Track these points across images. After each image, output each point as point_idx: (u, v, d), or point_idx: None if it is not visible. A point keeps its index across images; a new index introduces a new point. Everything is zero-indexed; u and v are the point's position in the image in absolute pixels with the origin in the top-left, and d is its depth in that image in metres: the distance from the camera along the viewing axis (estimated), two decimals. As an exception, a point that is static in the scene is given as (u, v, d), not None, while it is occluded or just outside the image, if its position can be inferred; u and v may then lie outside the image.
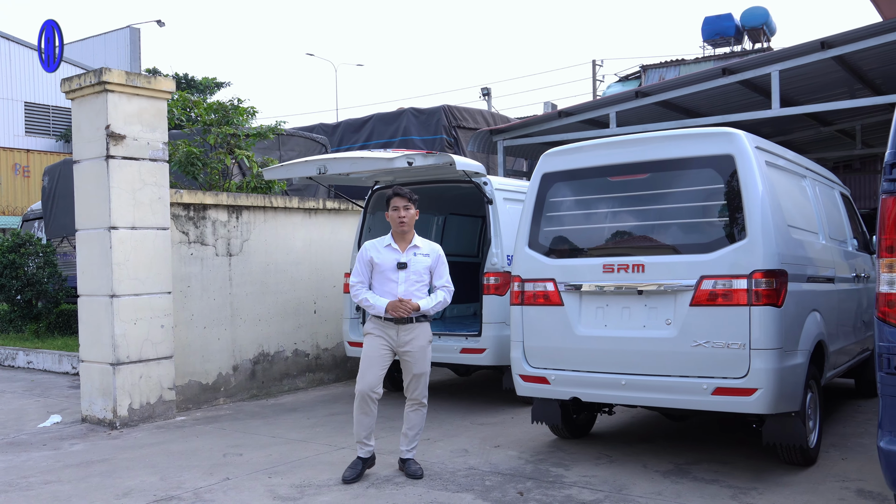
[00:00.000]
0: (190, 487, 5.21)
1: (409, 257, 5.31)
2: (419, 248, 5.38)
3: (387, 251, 5.34)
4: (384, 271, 5.29)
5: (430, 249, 5.44)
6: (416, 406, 5.41)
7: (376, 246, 5.40)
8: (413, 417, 5.42)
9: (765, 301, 4.90)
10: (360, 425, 5.32)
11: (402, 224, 5.30)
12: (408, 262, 5.29)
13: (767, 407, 4.90)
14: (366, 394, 5.23)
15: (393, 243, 5.35)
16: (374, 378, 5.25)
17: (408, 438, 5.42)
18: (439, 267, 5.43)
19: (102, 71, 7.05)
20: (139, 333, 7.25)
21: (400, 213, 5.30)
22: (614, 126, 11.64)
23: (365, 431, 5.32)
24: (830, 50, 10.00)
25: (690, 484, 5.09)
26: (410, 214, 5.32)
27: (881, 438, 3.43)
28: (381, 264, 5.30)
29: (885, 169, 3.40)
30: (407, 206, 5.32)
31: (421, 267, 5.33)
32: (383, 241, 5.41)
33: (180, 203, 7.90)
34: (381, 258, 5.31)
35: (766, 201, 5.03)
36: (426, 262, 5.36)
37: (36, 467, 5.82)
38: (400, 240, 5.36)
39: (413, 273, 5.29)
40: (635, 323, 5.32)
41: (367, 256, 5.35)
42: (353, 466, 5.32)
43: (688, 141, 5.35)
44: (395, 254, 5.32)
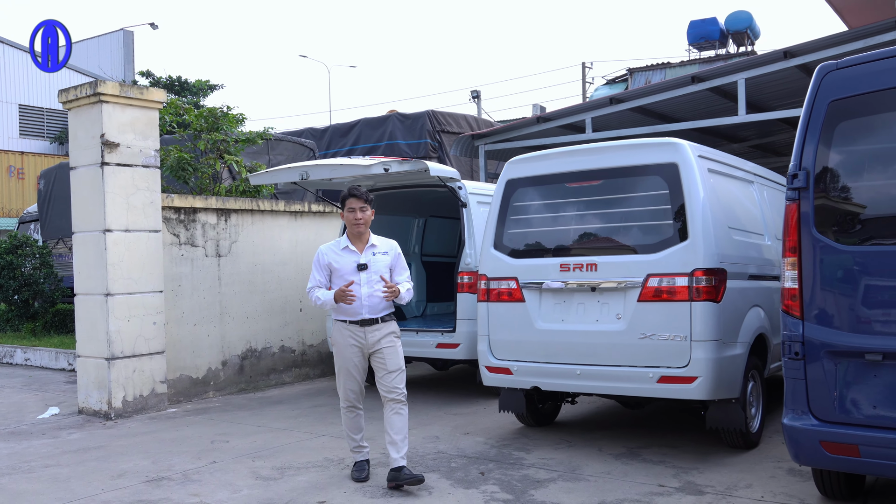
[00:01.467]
0: (179, 469, 5.66)
1: (368, 258, 5.18)
2: (377, 246, 5.25)
3: (344, 254, 5.20)
4: (344, 274, 5.14)
5: (388, 247, 5.31)
6: (398, 406, 5.17)
7: (333, 249, 5.26)
8: (397, 421, 5.15)
9: (704, 297, 5.37)
10: (351, 428, 5.31)
11: (357, 225, 5.17)
12: (368, 263, 5.16)
13: (707, 393, 5.37)
14: (350, 401, 5.28)
15: (350, 245, 5.21)
16: (355, 384, 5.25)
17: (396, 446, 5.10)
18: (399, 263, 5.33)
19: (98, 83, 7.49)
20: (133, 330, 7.69)
21: (356, 215, 5.16)
22: (590, 131, 12.11)
23: (357, 433, 5.30)
24: (793, 59, 10.48)
25: (638, 465, 5.56)
26: (367, 216, 5.19)
27: (785, 416, 3.90)
28: (341, 268, 5.16)
29: (788, 179, 3.87)
30: (363, 206, 5.18)
31: (381, 266, 5.20)
32: (339, 243, 5.27)
33: (171, 207, 8.34)
34: (339, 262, 5.17)
35: (707, 205, 5.50)
36: (385, 259, 5.24)
37: (37, 454, 6.26)
38: (356, 240, 5.23)
39: (374, 273, 5.15)
40: (589, 317, 5.79)
41: (325, 261, 5.22)
42: (358, 469, 5.29)
43: (636, 150, 5.82)
44: (354, 255, 5.18)
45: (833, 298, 3.78)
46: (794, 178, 3.85)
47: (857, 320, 3.72)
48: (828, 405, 3.75)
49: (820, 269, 3.80)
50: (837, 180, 3.82)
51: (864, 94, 3.74)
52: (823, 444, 3.73)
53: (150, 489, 5.21)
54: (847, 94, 3.78)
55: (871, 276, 3.71)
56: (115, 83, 7.65)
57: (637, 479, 5.23)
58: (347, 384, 5.27)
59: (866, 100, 3.75)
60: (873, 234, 3.79)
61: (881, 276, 3.69)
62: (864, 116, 3.79)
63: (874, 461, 3.62)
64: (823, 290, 3.80)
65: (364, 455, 5.38)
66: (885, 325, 3.65)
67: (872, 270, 3.71)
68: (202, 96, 34.70)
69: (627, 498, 4.83)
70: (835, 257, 3.76)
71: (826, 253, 3.78)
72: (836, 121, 3.80)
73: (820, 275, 3.80)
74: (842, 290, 3.76)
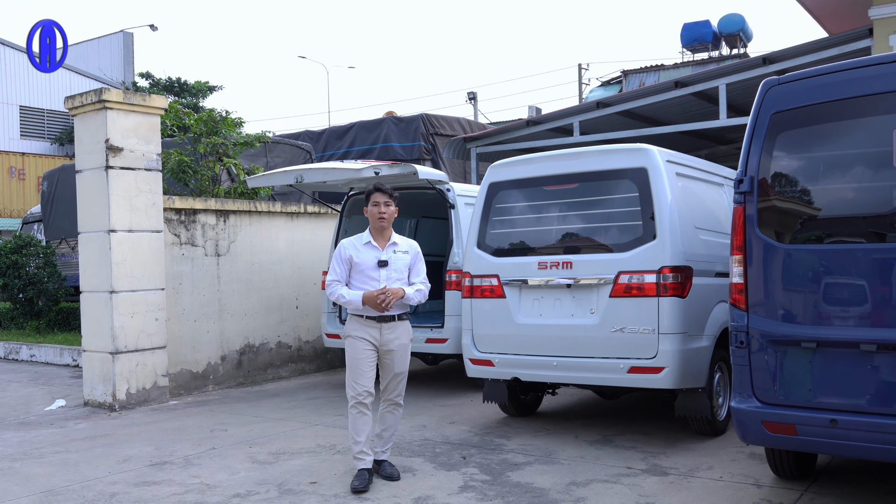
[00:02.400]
0: (181, 455, 6.04)
1: (389, 255, 5.18)
2: (398, 245, 5.26)
3: (366, 249, 5.19)
4: (364, 270, 5.15)
5: (409, 246, 5.33)
6: (393, 407, 5.30)
7: (355, 244, 5.24)
8: (389, 419, 5.30)
9: (671, 293, 5.76)
10: (357, 431, 5.15)
11: (381, 220, 5.16)
12: (388, 260, 5.16)
13: (673, 383, 5.76)
14: (359, 398, 5.12)
15: (372, 241, 5.20)
16: (366, 381, 5.14)
17: (383, 440, 5.30)
18: (417, 264, 5.33)
19: (102, 90, 7.87)
20: (136, 326, 8.07)
21: (381, 209, 5.16)
22: (578, 134, 12.51)
23: (363, 437, 5.14)
24: (772, 65, 10.89)
25: (610, 450, 5.94)
26: (391, 211, 5.20)
27: (733, 399, 4.28)
28: (361, 263, 5.16)
29: (735, 184, 4.25)
30: (388, 202, 5.19)
31: (401, 264, 5.21)
32: (361, 238, 5.25)
33: (172, 208, 8.72)
34: (360, 257, 5.17)
35: (674, 207, 5.89)
36: (406, 259, 5.25)
37: (46, 441, 6.64)
38: (379, 237, 5.22)
39: (394, 271, 5.17)
40: (565, 312, 6.18)
41: (347, 255, 5.20)
42: (359, 478, 5.09)
43: (609, 156, 6.20)
44: (376, 251, 5.18)
45: (773, 292, 4.16)
46: (739, 184, 4.24)
47: (794, 312, 4.10)
48: (769, 389, 4.13)
49: (762, 266, 4.18)
50: (778, 186, 4.20)
51: (802, 107, 4.12)
52: (765, 424, 4.11)
53: (154, 472, 5.59)
54: (788, 107, 4.16)
55: (806, 272, 4.09)
56: (119, 91, 8.03)
57: (608, 462, 5.61)
58: (359, 380, 5.13)
59: (804, 112, 4.13)
60: (809, 235, 4.18)
61: (815, 273, 4.07)
62: (802, 127, 4.17)
63: (809, 439, 4.00)
64: (765, 284, 4.18)
65: (367, 463, 5.17)
66: (818, 316, 4.03)
67: (807, 267, 4.09)
68: (201, 97, 35.07)
69: (596, 478, 5.21)
70: (775, 255, 4.15)
71: (768, 251, 4.16)
72: (778, 131, 4.18)
73: (762, 271, 4.18)
74: (781, 284, 4.14)
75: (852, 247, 3.99)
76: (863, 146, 4.04)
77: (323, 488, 5.11)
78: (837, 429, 3.88)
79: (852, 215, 4.08)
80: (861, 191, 4.03)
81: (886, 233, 3.89)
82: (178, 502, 4.89)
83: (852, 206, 4.09)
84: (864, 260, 3.91)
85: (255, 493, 5.05)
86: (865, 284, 3.89)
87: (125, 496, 5.03)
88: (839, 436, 3.89)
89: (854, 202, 4.08)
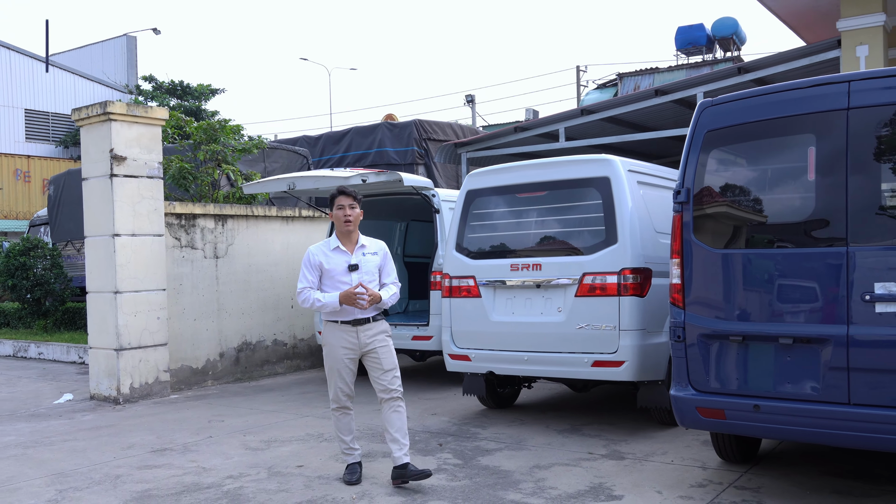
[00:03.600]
0: (180, 442, 6.55)
1: (358, 258, 5.19)
2: (366, 247, 5.27)
3: (335, 254, 5.19)
4: (335, 275, 5.14)
5: (377, 247, 5.33)
6: (395, 405, 5.23)
7: (323, 250, 5.23)
8: (396, 420, 5.22)
9: (631, 292, 6.25)
10: (342, 430, 5.31)
11: (347, 223, 5.16)
12: (359, 263, 5.17)
13: (633, 375, 6.25)
14: (341, 402, 5.28)
15: (340, 245, 5.20)
16: (346, 385, 5.23)
17: (398, 443, 5.17)
18: (387, 264, 5.34)
19: (107, 103, 8.38)
20: (138, 324, 8.59)
21: (346, 212, 5.15)
22: (563, 140, 13.01)
23: (348, 435, 5.30)
24: (747, 74, 11.38)
25: (577, 438, 6.43)
26: (356, 213, 5.19)
27: (672, 388, 4.77)
28: (332, 269, 5.15)
29: (674, 195, 4.75)
30: (353, 204, 5.18)
31: (371, 266, 5.22)
32: (329, 244, 5.24)
33: (173, 213, 9.23)
34: (330, 262, 5.16)
35: (634, 213, 6.38)
36: (375, 260, 5.26)
37: (56, 431, 7.15)
38: (346, 241, 5.22)
39: (365, 273, 5.17)
40: (535, 310, 6.67)
41: (316, 261, 5.19)
42: (350, 472, 5.26)
43: (576, 165, 6.69)
44: (345, 256, 5.18)
45: (706, 291, 4.65)
46: (677, 195, 4.73)
47: (723, 309, 4.59)
48: (702, 378, 4.62)
49: (696, 268, 4.67)
50: (710, 196, 4.69)
51: (732, 126, 4.61)
52: (699, 410, 4.60)
53: (155, 457, 6.10)
54: (719, 126, 4.64)
55: (733, 274, 4.58)
56: (122, 103, 8.55)
57: (572, 448, 6.10)
58: (338, 385, 5.22)
59: (733, 131, 4.61)
60: (736, 240, 4.67)
61: (741, 274, 4.55)
62: (732, 144, 4.66)
63: (736, 422, 4.49)
64: (699, 285, 4.66)
65: (356, 458, 5.35)
66: (743, 312, 4.51)
67: (734, 270, 4.58)
68: (204, 100, 35.53)
69: (558, 462, 5.70)
70: (708, 259, 4.63)
71: (701, 255, 4.65)
72: (711, 147, 4.67)
73: (696, 273, 4.67)
74: (713, 284, 4.63)
75: (773, 251, 4.48)
76: (783, 162, 4.53)
77: (308, 471, 5.61)
78: (760, 413, 4.37)
79: (774, 223, 4.58)
80: (781, 201, 4.53)
81: (802, 239, 4.38)
82: (177, 483, 5.40)
83: (774, 215, 4.58)
84: (783, 263, 4.40)
85: (247, 475, 5.55)
86: (783, 285, 4.38)
87: (129, 477, 5.54)
88: (761, 419, 4.38)
89: (775, 212, 4.56)
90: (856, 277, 4.11)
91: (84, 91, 35.52)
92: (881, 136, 4.15)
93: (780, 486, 4.97)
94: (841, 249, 4.17)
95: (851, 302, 4.12)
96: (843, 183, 4.18)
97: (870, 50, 10.16)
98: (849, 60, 10.30)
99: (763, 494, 4.81)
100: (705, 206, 4.69)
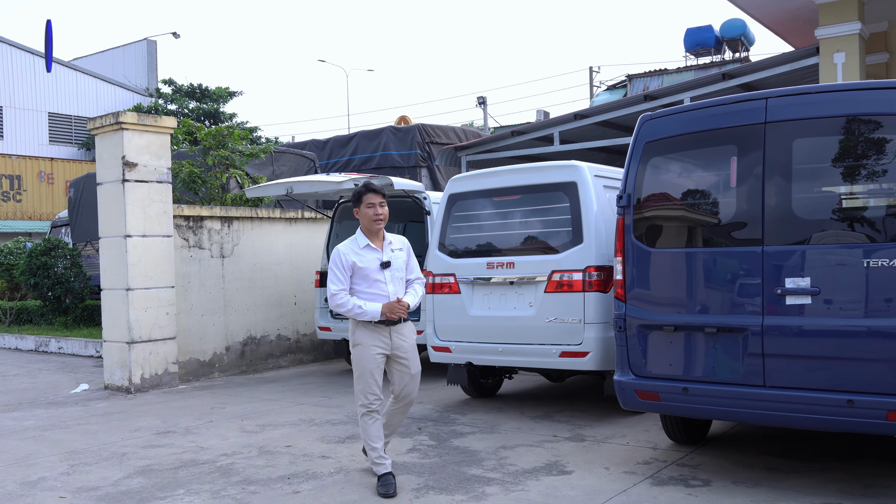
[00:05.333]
0: (183, 426, 7.16)
1: (388, 255, 5.12)
2: (392, 243, 5.21)
3: (366, 252, 5.08)
4: (368, 273, 5.04)
5: (402, 243, 5.29)
6: (405, 407, 5.34)
7: (353, 249, 5.10)
8: (397, 418, 5.38)
9: (595, 288, 6.76)
10: (373, 438, 5.14)
11: (377, 222, 5.07)
12: (390, 261, 5.12)
13: (596, 365, 6.76)
14: (372, 406, 5.12)
15: (370, 243, 5.11)
16: (377, 388, 5.11)
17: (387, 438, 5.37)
18: (411, 260, 5.31)
19: (119, 114, 9.02)
20: (149, 319, 9.22)
21: (376, 210, 5.05)
22: (558, 143, 13.52)
23: (379, 441, 5.15)
24: (731, 80, 11.84)
25: (547, 423, 6.96)
26: (385, 211, 5.11)
27: (616, 373, 5.29)
28: (366, 267, 5.04)
29: (617, 200, 5.27)
30: (382, 202, 5.10)
31: (400, 262, 5.18)
32: (358, 242, 5.12)
33: (182, 215, 9.86)
34: (363, 261, 5.05)
35: (599, 215, 6.89)
36: (402, 256, 5.22)
37: (71, 417, 7.79)
38: (375, 238, 5.12)
39: (396, 270, 5.13)
40: (508, 305, 7.21)
41: (348, 261, 5.05)
42: (386, 484, 4.99)
43: (546, 171, 7.22)
44: (376, 253, 5.09)
45: (643, 286, 5.15)
46: (620, 199, 5.25)
47: (657, 302, 5.09)
48: (640, 364, 5.13)
49: (636, 266, 5.18)
50: (649, 201, 5.20)
51: (667, 137, 5.12)
52: (637, 393, 5.11)
53: (159, 438, 6.71)
54: (656, 137, 5.15)
55: (667, 270, 5.09)
56: (133, 113, 9.18)
57: (540, 432, 6.63)
58: (370, 387, 5.09)
59: (669, 142, 5.12)
60: (670, 241, 5.18)
61: (673, 271, 5.06)
62: (667, 154, 5.17)
63: (668, 403, 5.00)
64: (638, 281, 5.17)
65: (388, 467, 5.12)
66: (674, 305, 5.02)
67: (667, 266, 5.09)
68: (222, 103, 36.30)
69: (523, 444, 6.23)
70: (645, 257, 5.14)
71: (639, 253, 5.16)
72: (649, 157, 5.18)
73: (635, 269, 5.18)
74: (650, 280, 5.14)
75: (700, 250, 4.98)
76: (711, 170, 5.04)
77: (295, 450, 6.18)
78: (688, 395, 4.88)
79: (702, 225, 5.08)
80: (709, 206, 5.03)
81: (725, 240, 4.89)
82: (176, 459, 6.00)
83: (702, 218, 5.08)
84: (709, 261, 4.91)
85: (240, 453, 6.14)
86: (709, 281, 4.89)
87: (133, 454, 6.15)
88: (690, 400, 4.89)
89: (703, 215, 5.07)
90: (769, 274, 4.61)
91: (106, 94, 36.45)
92: (793, 147, 4.65)
93: (717, 463, 5.48)
94: (757, 249, 4.67)
95: (766, 295, 4.62)
96: (760, 189, 4.69)
97: (846, 57, 10.58)
98: (826, 67, 10.73)
99: (699, 470, 5.32)
100: (644, 209, 5.20)
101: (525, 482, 5.19)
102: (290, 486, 5.24)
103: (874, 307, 4.33)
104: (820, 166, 4.64)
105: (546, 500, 4.83)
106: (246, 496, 5.05)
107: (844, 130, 4.49)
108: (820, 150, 4.64)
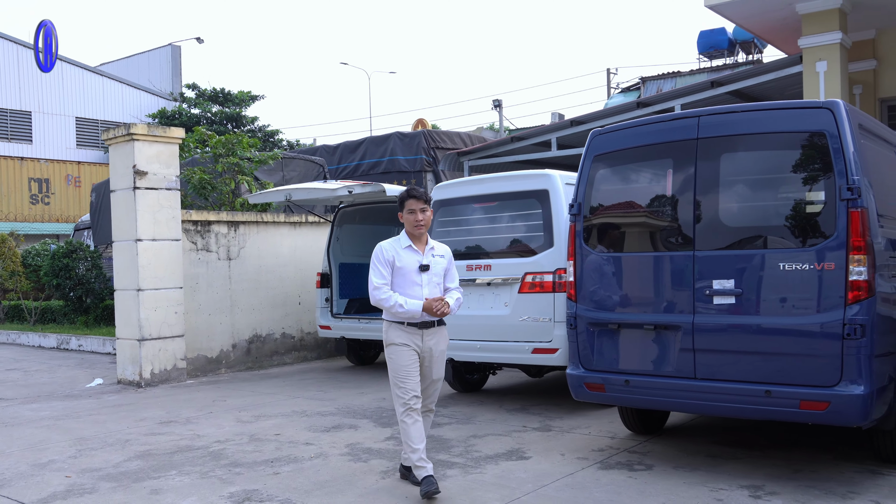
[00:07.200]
0: (184, 416, 7.74)
1: (429, 259, 5.18)
2: (435, 249, 5.27)
3: (407, 252, 5.14)
4: (406, 274, 5.10)
5: (444, 251, 5.33)
6: (427, 413, 5.37)
7: (395, 247, 5.16)
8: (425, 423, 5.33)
9: (564, 289, 7.24)
10: (413, 439, 5.06)
11: (419, 227, 5.13)
12: (430, 265, 5.17)
13: (565, 361, 7.19)
14: (410, 404, 5.07)
15: (412, 245, 5.18)
16: (414, 384, 5.09)
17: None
18: (452, 269, 5.36)
19: (130, 126, 9.64)
20: (158, 318, 9.83)
21: (417, 216, 5.12)
22: (555, 149, 13.98)
23: (420, 442, 5.06)
24: (720, 87, 12.22)
25: (521, 415, 7.45)
26: (427, 217, 5.16)
27: (567, 367, 5.77)
28: (404, 266, 5.10)
29: (569, 207, 5.75)
30: (423, 208, 5.14)
31: (440, 268, 5.23)
32: (401, 241, 5.19)
33: (190, 220, 10.47)
34: (403, 260, 5.11)
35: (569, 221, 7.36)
36: (443, 263, 5.26)
37: (85, 408, 8.41)
38: (417, 242, 5.19)
39: (434, 275, 5.18)
40: (486, 305, 7.70)
41: (389, 257, 5.12)
42: (428, 483, 4.93)
43: (521, 180, 7.71)
44: (416, 255, 5.15)
45: (591, 288, 5.62)
46: (572, 207, 5.74)
47: (604, 302, 5.57)
48: (589, 359, 5.61)
49: (585, 269, 5.65)
50: (595, 209, 5.68)
51: (613, 151, 5.59)
52: (586, 385, 5.59)
53: (161, 427, 7.29)
54: (604, 151, 5.63)
55: (611, 273, 5.55)
56: (143, 125, 9.80)
57: (512, 423, 7.12)
58: (408, 385, 5.07)
59: (614, 155, 5.59)
60: (614, 246, 5.65)
61: (616, 273, 5.53)
62: (613, 167, 5.64)
63: (613, 394, 5.47)
64: (586, 282, 5.64)
65: (429, 470, 5.04)
66: (619, 305, 5.48)
67: (611, 269, 5.55)
68: (244, 107, 37.10)
69: (493, 433, 6.73)
70: (592, 260, 5.61)
71: (588, 257, 5.63)
72: (597, 169, 5.66)
73: (585, 272, 5.65)
74: (596, 282, 5.61)
75: (640, 255, 5.45)
76: (650, 181, 5.50)
77: (282, 438, 6.73)
78: (630, 386, 5.35)
79: (642, 231, 5.54)
80: (648, 213, 5.49)
81: (661, 245, 5.36)
82: (173, 445, 6.57)
83: (643, 225, 5.54)
84: (647, 264, 5.38)
85: (232, 440, 6.70)
86: (647, 282, 5.36)
87: (136, 441, 6.74)
88: (631, 391, 5.37)
89: (644, 222, 5.53)
90: (699, 276, 5.07)
91: (131, 99, 37.34)
92: (721, 161, 5.11)
93: (665, 451, 5.94)
94: (689, 253, 5.13)
95: (696, 296, 5.08)
96: (692, 199, 5.15)
97: (828, 65, 10.92)
98: (809, 75, 11.08)
99: (647, 457, 5.78)
100: (593, 217, 5.68)
101: (484, 466, 5.69)
102: (272, 468, 5.79)
103: (788, 306, 4.77)
104: (743, 178, 5.10)
105: (498, 481, 5.32)
106: (231, 476, 5.60)
107: (763, 146, 4.95)
108: (743, 163, 5.10)
